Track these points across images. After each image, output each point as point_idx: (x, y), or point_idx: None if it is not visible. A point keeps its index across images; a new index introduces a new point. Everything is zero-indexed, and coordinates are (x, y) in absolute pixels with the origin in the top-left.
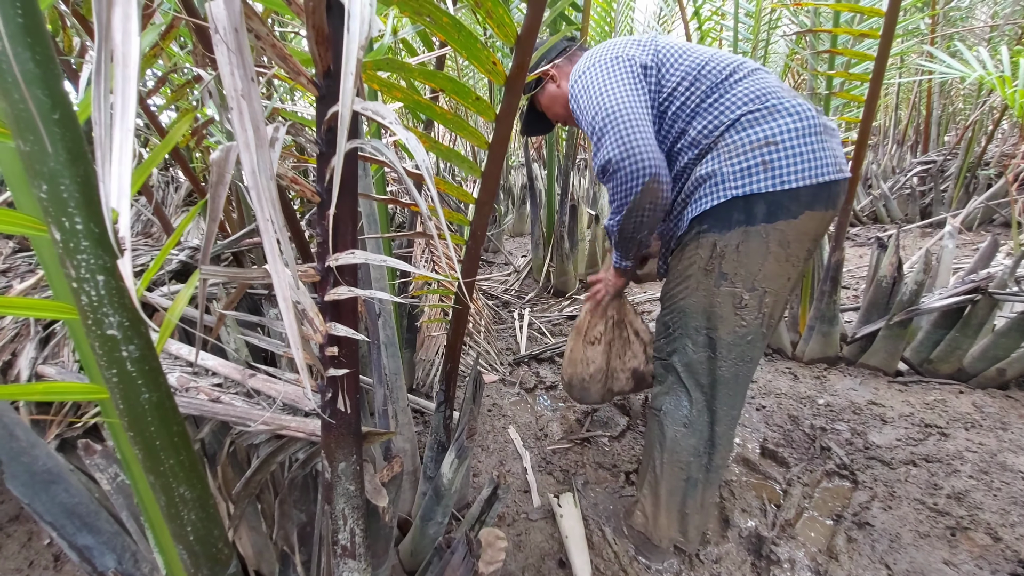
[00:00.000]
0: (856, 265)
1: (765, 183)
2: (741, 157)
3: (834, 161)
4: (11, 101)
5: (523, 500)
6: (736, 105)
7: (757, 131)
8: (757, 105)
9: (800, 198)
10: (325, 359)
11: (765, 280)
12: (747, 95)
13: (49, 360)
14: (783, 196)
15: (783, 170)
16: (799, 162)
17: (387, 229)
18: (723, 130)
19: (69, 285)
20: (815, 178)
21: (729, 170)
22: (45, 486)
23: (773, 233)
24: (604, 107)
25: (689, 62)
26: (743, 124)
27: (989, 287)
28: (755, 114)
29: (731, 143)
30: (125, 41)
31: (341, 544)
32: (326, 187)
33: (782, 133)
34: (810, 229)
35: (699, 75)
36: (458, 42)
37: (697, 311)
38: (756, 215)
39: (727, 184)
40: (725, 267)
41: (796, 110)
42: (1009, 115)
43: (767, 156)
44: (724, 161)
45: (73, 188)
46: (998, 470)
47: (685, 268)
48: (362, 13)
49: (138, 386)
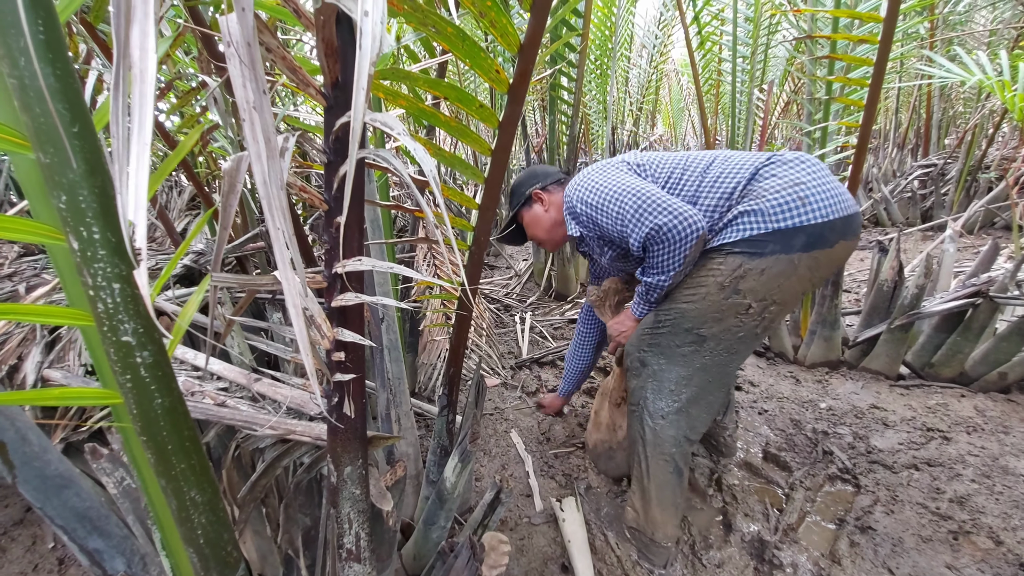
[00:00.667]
0: (857, 269)
1: (804, 217)
2: (778, 195)
3: (848, 197)
4: (32, 115)
5: (525, 504)
6: (745, 167)
7: (783, 176)
8: (766, 161)
9: (836, 229)
10: (331, 364)
11: (778, 294)
12: (749, 161)
13: (55, 364)
14: (823, 228)
15: (818, 204)
16: (829, 198)
17: (391, 234)
18: (743, 186)
19: (86, 293)
20: (844, 211)
21: (769, 207)
22: (57, 490)
23: (806, 260)
24: (629, 192)
25: (671, 161)
26: (764, 175)
27: (990, 291)
28: (770, 167)
29: (761, 188)
30: (143, 58)
31: (346, 548)
32: (334, 195)
33: (807, 175)
34: (840, 256)
35: (686, 165)
36: (462, 51)
37: (695, 315)
38: (794, 245)
39: (767, 217)
40: (742, 286)
41: (803, 159)
42: (1009, 119)
43: (802, 193)
44: (762, 200)
45: (91, 199)
46: (1000, 474)
47: (701, 278)
48: (373, 31)
49: (151, 391)
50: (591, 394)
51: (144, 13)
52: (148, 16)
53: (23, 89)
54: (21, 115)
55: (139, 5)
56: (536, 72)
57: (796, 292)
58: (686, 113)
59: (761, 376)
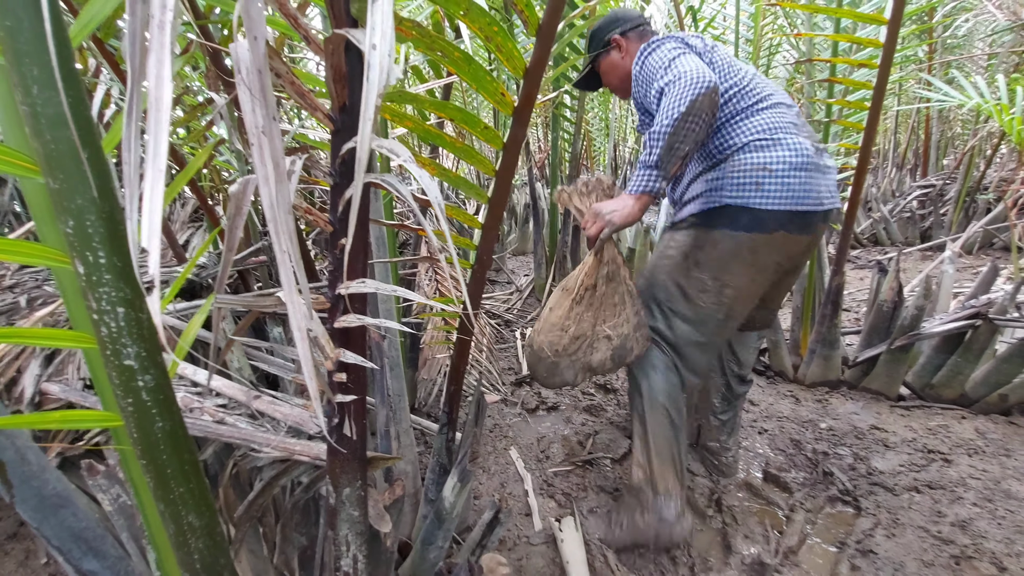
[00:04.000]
0: (857, 288)
1: (752, 200)
2: (740, 174)
3: (815, 195)
4: (43, 141)
5: (524, 524)
6: (752, 131)
7: (759, 156)
8: (767, 136)
9: (777, 218)
10: (333, 384)
11: (729, 276)
12: (763, 125)
13: (53, 377)
14: (763, 213)
15: (769, 193)
16: (783, 190)
17: (394, 251)
18: (735, 150)
19: (90, 316)
20: (793, 205)
21: (728, 183)
22: (54, 510)
23: (747, 241)
24: (674, 57)
25: (735, 78)
26: (750, 147)
27: (989, 313)
28: (762, 142)
29: (737, 161)
30: (158, 86)
31: (343, 571)
32: (339, 217)
33: (777, 163)
34: (779, 245)
35: (738, 93)
36: (468, 74)
37: (667, 284)
38: (739, 223)
39: (724, 193)
40: (700, 256)
41: (795, 147)
42: (1007, 141)
43: (760, 179)
44: (728, 177)
45: (99, 224)
46: (1002, 498)
47: (669, 246)
48: (381, 64)
49: (152, 415)
50: (591, 412)
51: (160, 43)
52: (164, 47)
53: (35, 116)
54: (32, 141)
55: (156, 35)
56: (541, 94)
57: (744, 277)
58: None
59: (761, 395)
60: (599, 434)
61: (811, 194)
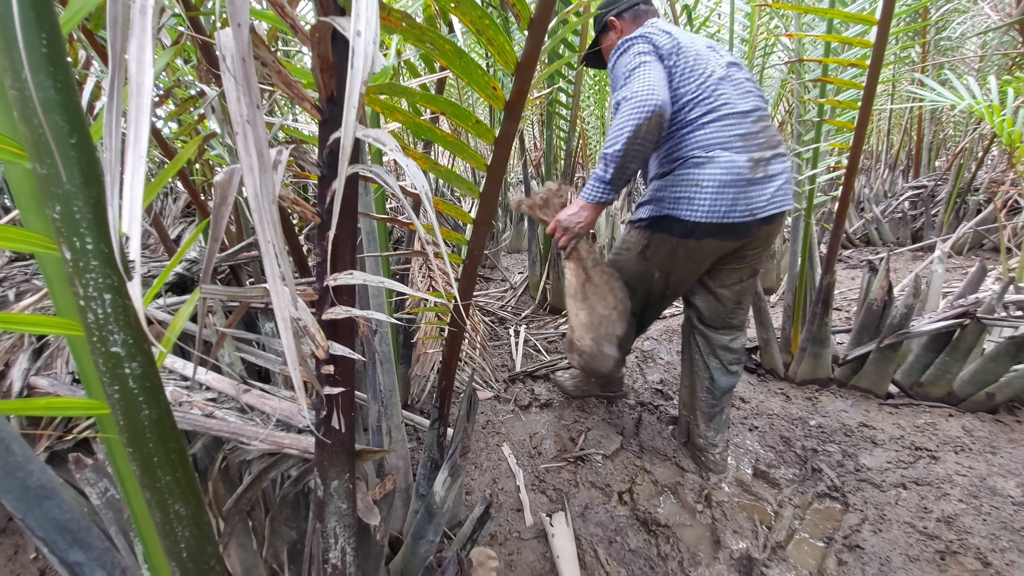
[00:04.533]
0: (848, 287)
1: (684, 213)
2: (677, 189)
3: (743, 208)
4: (31, 126)
5: (515, 519)
6: (693, 145)
7: (693, 174)
8: (703, 153)
9: (704, 229)
10: (321, 377)
11: (671, 269)
12: (704, 140)
13: (42, 371)
14: (692, 225)
15: (698, 208)
16: (710, 205)
17: (386, 246)
18: (678, 164)
19: (77, 303)
20: (719, 219)
21: (668, 196)
22: (38, 501)
23: (680, 245)
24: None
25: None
26: (688, 163)
27: (978, 312)
28: (698, 159)
29: (677, 176)
30: (139, 72)
31: (331, 563)
32: (326, 209)
33: (707, 181)
34: (709, 249)
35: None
36: (459, 68)
37: (627, 271)
38: (674, 230)
39: (664, 204)
40: (649, 254)
41: (726, 164)
42: (998, 143)
43: (692, 194)
44: (666, 189)
45: (86, 209)
46: (987, 494)
47: (626, 243)
48: (366, 50)
49: (139, 403)
50: (584, 409)
51: (142, 28)
52: (146, 31)
53: (24, 101)
54: (20, 126)
55: (137, 20)
56: (536, 90)
57: (683, 269)
58: None
59: (752, 393)
60: (591, 431)
61: (739, 208)
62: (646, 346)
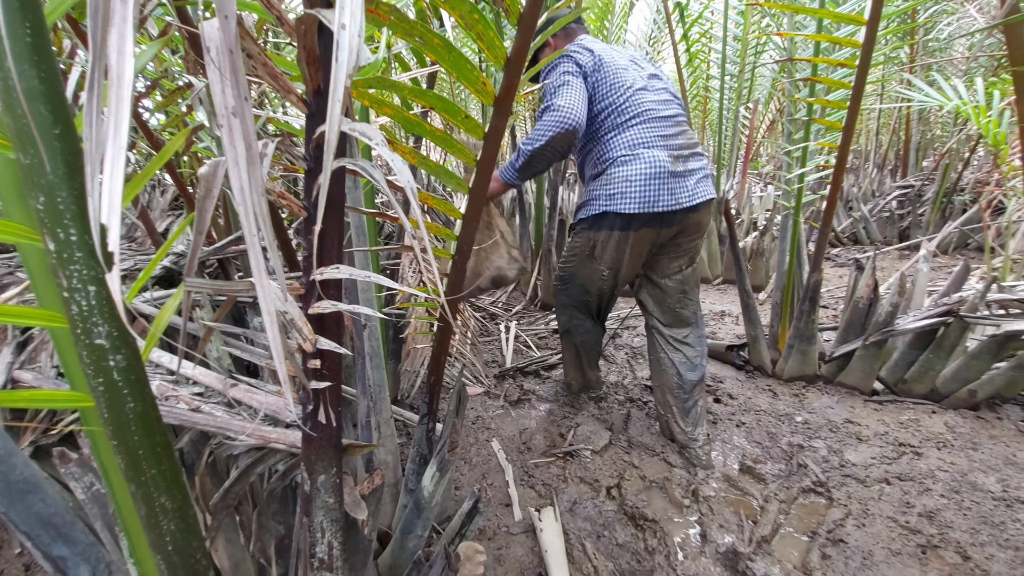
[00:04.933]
0: (835, 285)
1: (619, 207)
2: (611, 187)
3: (669, 198)
4: (15, 116)
5: (504, 514)
6: (621, 146)
7: (623, 171)
8: (629, 152)
9: (638, 220)
10: (308, 371)
11: (618, 264)
12: (629, 141)
13: (26, 365)
14: (627, 217)
15: (630, 200)
16: (641, 197)
17: (376, 241)
18: (607, 165)
19: (60, 295)
20: (649, 209)
21: (602, 193)
22: (21, 495)
23: (622, 237)
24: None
25: (613, 96)
26: (617, 163)
27: (961, 310)
28: (626, 158)
29: (608, 175)
30: (120, 61)
31: (319, 557)
32: (313, 202)
33: (637, 175)
34: (647, 239)
35: (615, 110)
36: (448, 62)
37: (579, 276)
38: (615, 225)
39: (599, 203)
40: (597, 253)
41: (651, 160)
42: (984, 143)
43: (624, 189)
44: (601, 188)
45: (70, 200)
46: (968, 489)
47: (573, 249)
48: (351, 43)
49: (124, 395)
50: (573, 405)
51: (123, 17)
52: (127, 20)
53: (7, 90)
54: (3, 115)
55: (118, 9)
56: (526, 85)
57: (628, 262)
58: None
59: (739, 389)
60: (580, 426)
61: (664, 198)
62: (636, 343)
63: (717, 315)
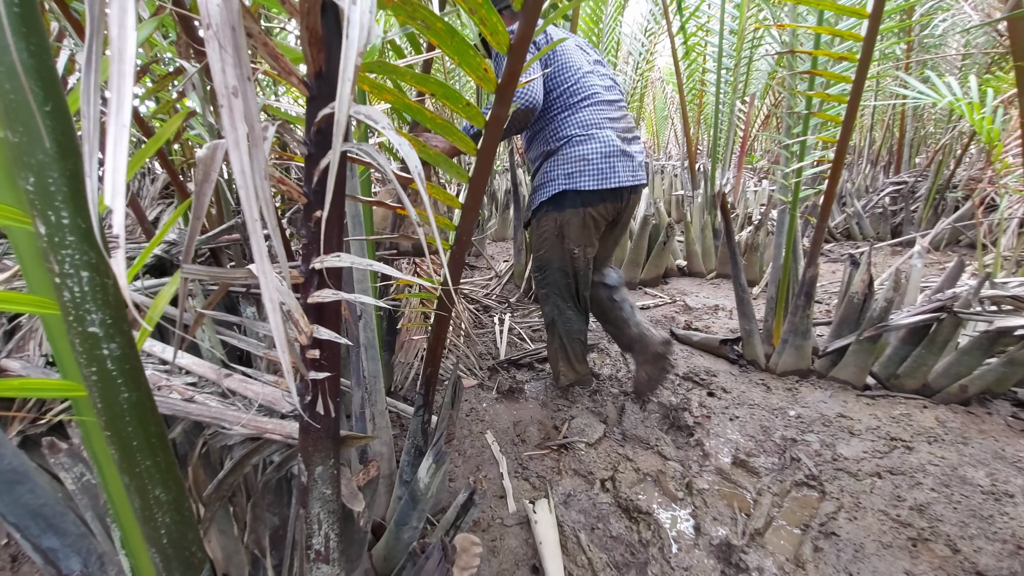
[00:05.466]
0: (829, 280)
1: (579, 183)
2: (567, 166)
3: (620, 176)
4: (1, 91)
5: (499, 506)
6: (574, 125)
7: (579, 149)
8: (584, 131)
9: (597, 195)
10: (306, 362)
11: (586, 240)
12: (583, 121)
13: (14, 353)
14: (587, 193)
15: (589, 177)
16: (599, 174)
17: (372, 230)
18: (562, 144)
19: (52, 280)
20: (607, 185)
21: (561, 173)
22: (9, 486)
23: (585, 214)
24: None
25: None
26: (573, 142)
27: (954, 306)
28: (580, 137)
29: (563, 155)
30: (121, 36)
31: (315, 549)
32: (314, 188)
33: (593, 154)
34: (605, 213)
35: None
36: (451, 47)
37: (555, 260)
38: (576, 202)
39: (559, 182)
40: (566, 233)
41: (604, 140)
42: (977, 141)
43: (582, 168)
44: (558, 168)
45: (61, 182)
46: (958, 483)
47: (542, 235)
48: (362, 20)
49: (117, 385)
50: (568, 397)
51: None
52: None
53: None
54: None
55: None
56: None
57: (592, 238)
58: (669, 122)
59: (733, 383)
60: (575, 419)
61: (617, 175)
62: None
63: (711, 309)
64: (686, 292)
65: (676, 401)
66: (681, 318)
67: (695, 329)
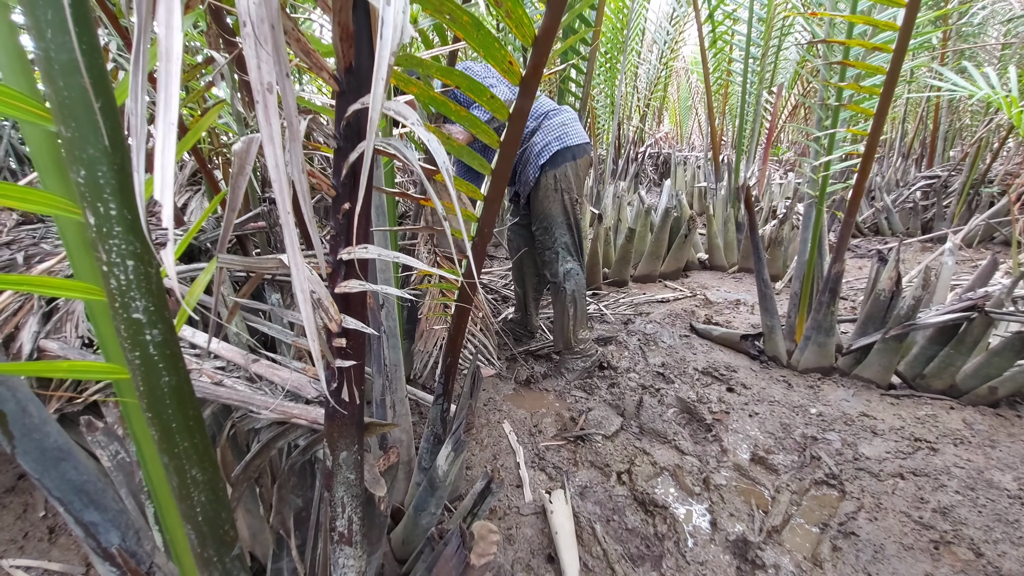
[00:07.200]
0: (855, 277)
1: (568, 141)
2: (556, 131)
3: (585, 136)
4: (56, 88)
5: (515, 495)
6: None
7: (557, 119)
8: (552, 109)
9: (581, 149)
10: (333, 350)
11: (577, 188)
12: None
13: (51, 335)
14: (575, 146)
15: (572, 136)
16: (577, 134)
17: (395, 220)
18: (540, 119)
19: (99, 268)
20: (583, 141)
21: (551, 138)
22: (55, 462)
23: (573, 166)
24: None
25: None
26: (549, 116)
27: (986, 306)
28: (553, 112)
29: (545, 127)
30: (168, 35)
31: (339, 531)
32: (342, 181)
33: (569, 120)
34: (584, 164)
35: None
36: (476, 40)
37: (559, 213)
38: (568, 156)
39: (552, 145)
40: (563, 184)
41: (567, 112)
42: (1015, 134)
43: (566, 130)
44: (547, 135)
45: (110, 175)
46: (984, 487)
47: (545, 192)
48: (395, 20)
49: (159, 369)
50: (585, 389)
51: None
52: None
53: (48, 61)
54: (45, 88)
55: None
56: (548, 66)
57: (580, 186)
58: (693, 112)
59: (753, 379)
60: (592, 411)
61: (583, 135)
62: (648, 329)
63: (732, 304)
64: (707, 286)
65: (695, 396)
66: (701, 312)
67: (715, 324)
